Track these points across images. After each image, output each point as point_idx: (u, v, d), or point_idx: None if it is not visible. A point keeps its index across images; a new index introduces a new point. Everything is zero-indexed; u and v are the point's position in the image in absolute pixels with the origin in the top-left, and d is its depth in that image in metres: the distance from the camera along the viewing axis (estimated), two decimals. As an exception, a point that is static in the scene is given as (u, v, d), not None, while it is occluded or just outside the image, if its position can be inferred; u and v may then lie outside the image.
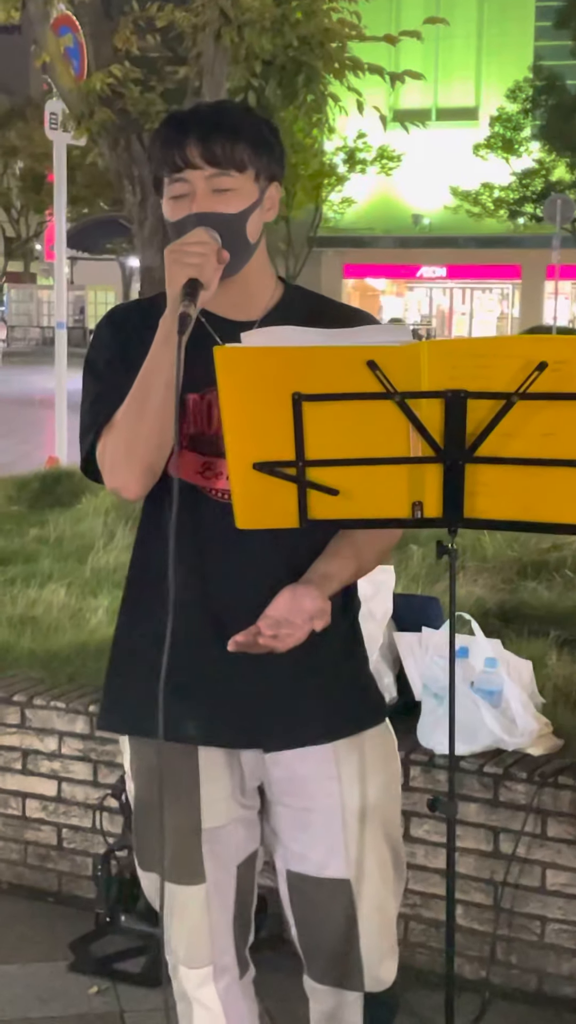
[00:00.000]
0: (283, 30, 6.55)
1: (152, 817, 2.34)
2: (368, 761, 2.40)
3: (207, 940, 2.39)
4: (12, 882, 4.08)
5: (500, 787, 3.40)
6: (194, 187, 2.22)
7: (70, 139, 10.26)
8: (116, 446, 2.25)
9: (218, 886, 2.38)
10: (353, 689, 2.42)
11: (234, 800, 2.37)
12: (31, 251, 51.02)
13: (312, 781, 2.37)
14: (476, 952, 3.46)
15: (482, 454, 2.12)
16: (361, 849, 2.39)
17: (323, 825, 2.38)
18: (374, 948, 2.43)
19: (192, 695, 2.31)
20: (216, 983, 2.41)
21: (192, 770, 2.35)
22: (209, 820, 2.36)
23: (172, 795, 2.33)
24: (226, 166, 2.21)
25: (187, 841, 2.35)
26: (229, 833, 2.38)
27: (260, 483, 2.15)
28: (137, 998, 3.46)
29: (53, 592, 5.02)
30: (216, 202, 2.21)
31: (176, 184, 2.23)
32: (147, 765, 2.38)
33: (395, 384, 2.07)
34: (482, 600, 4.79)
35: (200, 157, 2.20)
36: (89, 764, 3.94)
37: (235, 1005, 2.44)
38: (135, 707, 2.35)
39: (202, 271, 2.13)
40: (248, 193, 2.24)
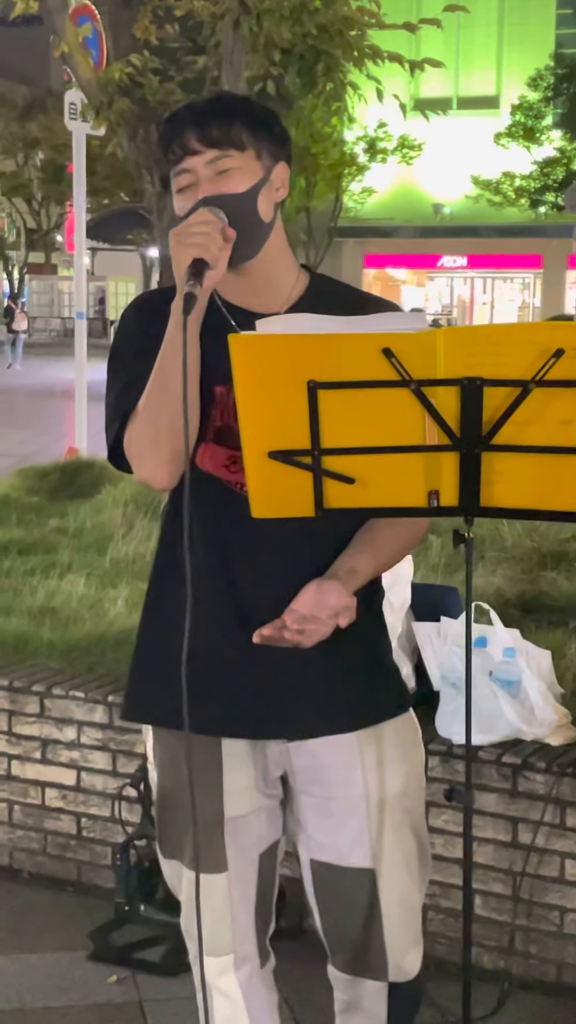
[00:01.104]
0: (302, 18, 6.51)
1: (175, 806, 2.38)
2: (392, 750, 2.40)
3: (228, 928, 2.40)
4: (32, 871, 4.10)
5: (519, 777, 3.39)
6: (197, 175, 2.22)
7: (89, 129, 10.27)
8: (141, 434, 2.25)
9: (240, 875, 2.39)
10: (377, 678, 2.41)
11: (257, 790, 2.38)
12: (52, 242, 51.11)
13: (335, 770, 2.37)
14: (495, 942, 3.45)
15: (499, 442, 2.11)
16: (385, 838, 2.39)
17: (347, 814, 2.38)
18: (397, 938, 2.43)
19: (216, 686, 2.31)
20: (237, 972, 2.42)
21: (215, 759, 2.35)
22: (232, 809, 2.36)
23: (197, 784, 2.30)
24: (224, 146, 2.21)
25: (210, 830, 2.35)
26: (251, 822, 2.38)
27: (275, 472, 2.14)
28: (156, 987, 3.46)
29: (72, 583, 5.03)
30: (221, 184, 2.21)
31: (181, 176, 2.24)
32: (170, 754, 2.39)
33: (411, 372, 2.05)
34: (501, 590, 4.77)
35: (198, 141, 2.21)
36: (108, 753, 3.95)
37: (255, 994, 2.45)
38: (158, 697, 2.35)
39: (206, 250, 2.11)
40: (252, 171, 2.23)
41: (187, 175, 2.23)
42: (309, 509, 2.17)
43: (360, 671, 2.38)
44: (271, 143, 2.27)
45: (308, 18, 6.54)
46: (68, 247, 23.21)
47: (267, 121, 2.28)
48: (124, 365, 2.33)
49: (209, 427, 2.28)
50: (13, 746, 4.08)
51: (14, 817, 4.10)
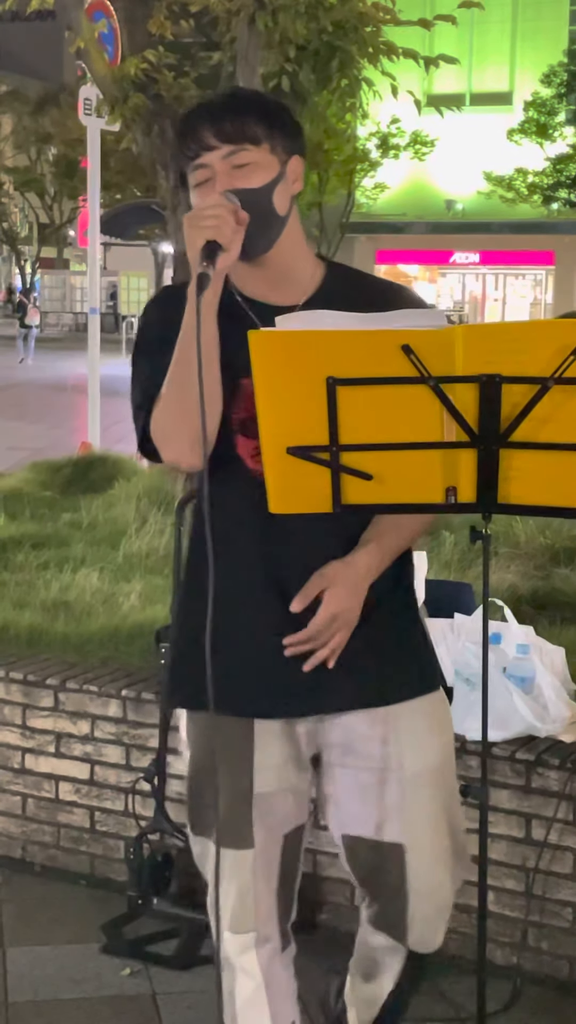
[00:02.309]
0: (317, 15, 6.50)
1: (207, 783, 2.42)
2: (424, 726, 2.45)
3: (251, 906, 2.44)
4: (45, 864, 4.11)
5: (532, 773, 3.39)
6: (214, 169, 2.26)
7: (104, 125, 10.27)
8: (165, 417, 2.30)
9: (265, 853, 2.43)
10: (409, 654, 2.47)
11: (286, 769, 2.42)
12: (64, 237, 51.13)
13: (368, 743, 2.42)
14: (508, 938, 3.45)
15: (517, 439, 2.11)
16: (415, 813, 2.44)
17: (378, 788, 2.43)
18: (423, 915, 2.50)
19: (247, 668, 2.37)
20: (258, 950, 2.45)
21: (247, 737, 2.40)
22: (260, 785, 2.41)
23: (226, 761, 2.38)
24: (240, 141, 2.26)
25: (238, 806, 2.40)
26: (279, 801, 2.43)
27: (294, 467, 2.15)
28: (169, 980, 3.47)
29: (86, 577, 5.04)
30: (237, 178, 2.25)
31: (198, 171, 2.29)
32: (202, 732, 2.45)
33: (429, 368, 2.06)
34: (515, 586, 4.77)
35: (213, 137, 2.25)
36: (122, 747, 3.96)
37: (277, 975, 2.49)
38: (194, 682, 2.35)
39: (219, 232, 2.14)
40: (268, 166, 2.28)
41: (204, 170, 2.28)
42: (327, 505, 2.18)
43: (392, 647, 2.43)
44: (285, 137, 2.31)
45: (323, 14, 6.52)
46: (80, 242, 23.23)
47: (280, 115, 2.33)
48: (148, 357, 2.38)
49: (235, 418, 2.33)
50: (27, 739, 4.09)
51: (28, 810, 4.12)
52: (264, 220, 2.25)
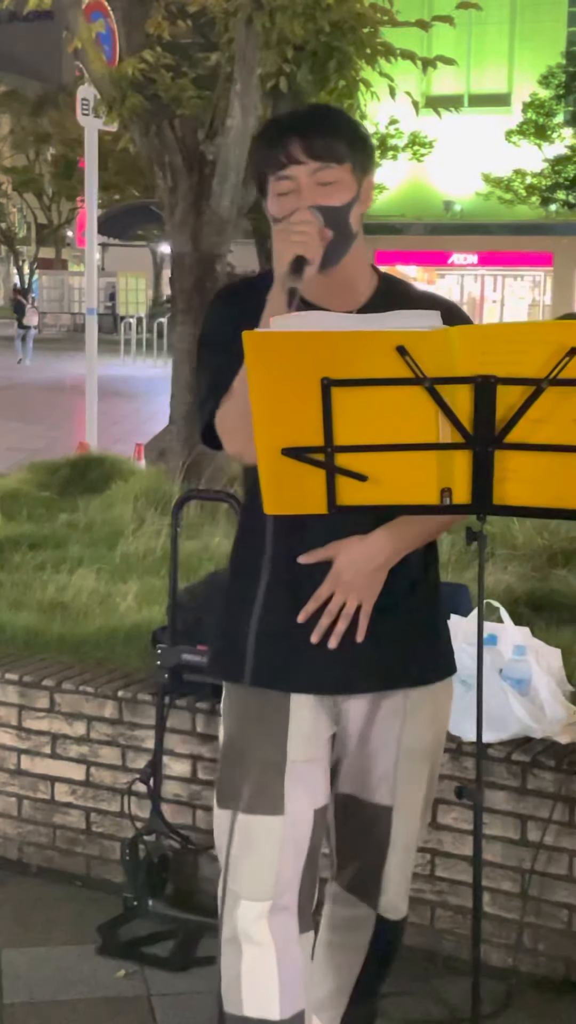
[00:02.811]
0: (315, 15, 6.51)
1: (239, 752, 2.55)
2: (432, 708, 2.62)
3: (273, 874, 2.50)
4: (41, 866, 4.10)
5: (528, 775, 3.39)
6: (299, 183, 2.37)
7: (101, 125, 10.26)
8: (234, 413, 2.36)
9: (295, 823, 2.51)
10: (433, 641, 2.62)
11: (316, 741, 2.53)
12: (62, 238, 51.14)
13: (382, 719, 2.57)
14: (503, 940, 3.45)
15: (512, 440, 2.11)
16: (407, 783, 2.61)
17: (381, 755, 2.58)
18: (396, 877, 2.66)
19: (285, 647, 2.49)
20: (272, 919, 2.50)
21: (283, 706, 2.51)
22: (294, 753, 2.51)
23: (262, 730, 2.52)
24: (327, 159, 2.37)
25: (272, 772, 2.50)
26: (311, 770, 2.53)
27: (289, 468, 2.15)
28: (164, 982, 3.47)
29: (83, 577, 5.03)
30: (321, 195, 2.37)
31: (282, 182, 2.39)
32: (241, 703, 2.58)
33: (425, 370, 2.06)
34: (511, 588, 4.77)
35: (303, 152, 2.37)
36: (117, 749, 3.95)
37: (291, 949, 2.51)
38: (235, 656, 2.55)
39: (307, 248, 2.28)
40: (349, 185, 2.40)
41: (288, 182, 2.39)
42: (322, 506, 2.18)
43: (419, 632, 2.57)
44: (364, 157, 2.45)
45: (321, 15, 6.53)
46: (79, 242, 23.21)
47: (362, 136, 2.46)
48: (214, 350, 2.49)
49: None
50: (23, 741, 4.09)
51: (23, 812, 4.12)
52: (340, 237, 2.39)
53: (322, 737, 2.55)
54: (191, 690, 3.81)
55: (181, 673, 3.77)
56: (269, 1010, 2.49)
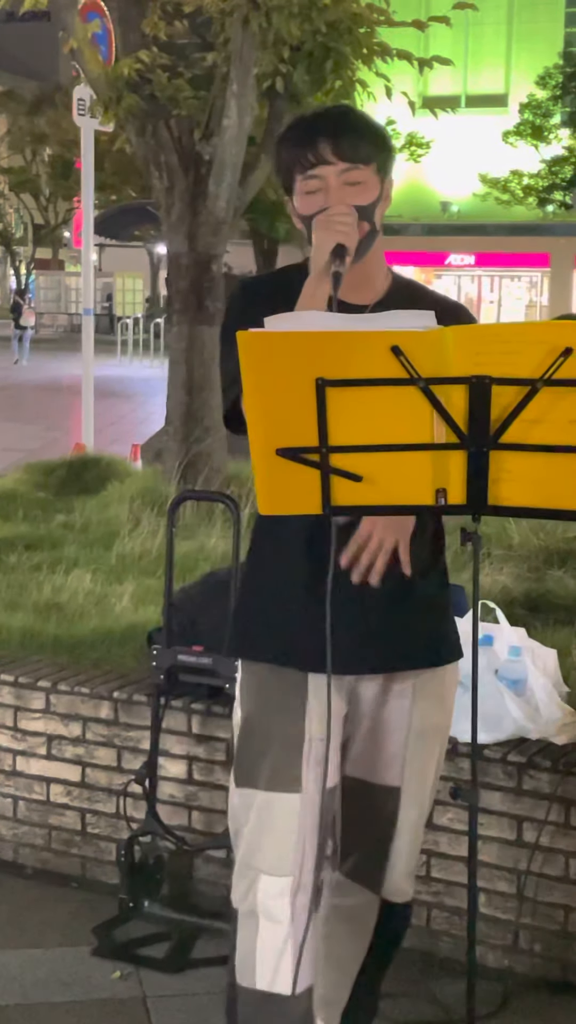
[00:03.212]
0: (311, 16, 6.51)
1: (257, 731, 2.61)
2: (439, 691, 2.69)
3: (294, 849, 2.56)
4: (36, 867, 4.10)
5: (524, 776, 3.39)
6: (327, 182, 2.46)
7: (98, 125, 10.25)
8: None
9: (312, 800, 2.56)
10: (442, 625, 2.69)
11: (333, 718, 2.55)
12: (59, 238, 51.09)
13: (392, 700, 2.64)
14: (499, 941, 3.45)
15: (507, 441, 2.11)
16: (414, 766, 2.66)
17: (388, 735, 2.65)
18: (402, 861, 2.71)
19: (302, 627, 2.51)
20: (293, 899, 2.55)
21: (301, 686, 2.58)
22: (313, 730, 2.57)
23: (282, 709, 2.59)
24: (355, 160, 2.47)
25: (291, 750, 2.57)
26: (324, 748, 2.55)
27: (283, 469, 2.14)
28: (160, 984, 3.46)
29: (78, 578, 5.03)
30: (348, 194, 2.46)
31: (310, 181, 2.48)
32: (257, 681, 2.64)
33: (419, 370, 2.06)
34: (507, 588, 4.77)
35: (332, 153, 2.45)
36: (113, 750, 3.95)
37: (306, 924, 2.54)
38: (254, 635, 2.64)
39: (348, 237, 2.39)
40: (374, 185, 2.50)
41: (317, 181, 2.48)
42: (316, 507, 2.18)
43: (428, 616, 2.65)
44: (387, 158, 2.55)
45: (317, 15, 6.53)
46: (75, 243, 23.23)
47: (386, 138, 2.56)
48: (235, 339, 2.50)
49: None
50: (18, 742, 4.08)
51: (19, 813, 4.11)
52: (366, 234, 2.48)
53: (337, 716, 2.60)
54: (187, 691, 3.80)
55: (177, 674, 3.76)
56: (283, 985, 2.54)
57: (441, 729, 2.72)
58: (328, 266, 2.35)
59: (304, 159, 2.47)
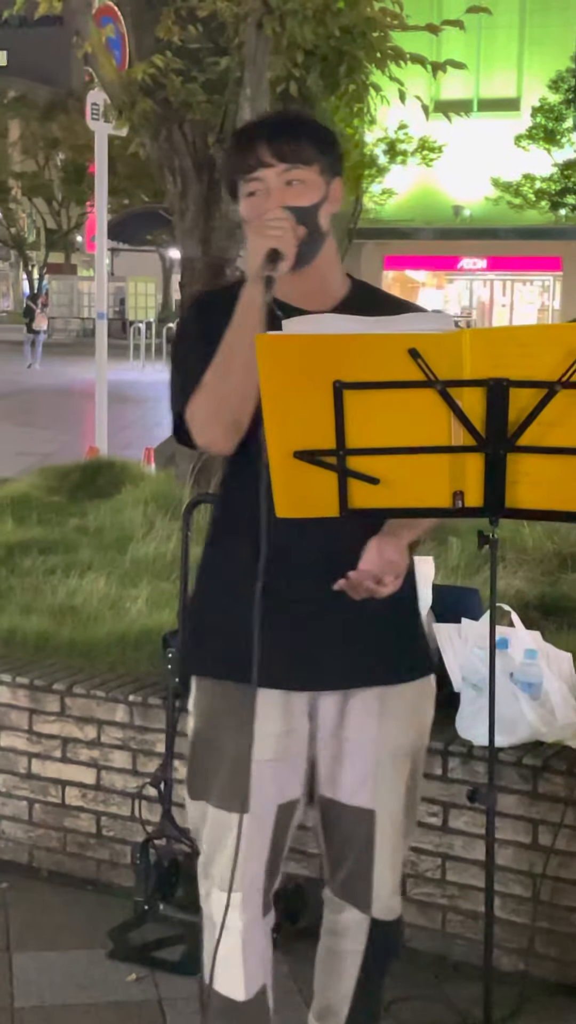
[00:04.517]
0: (325, 20, 6.51)
1: (208, 748, 2.61)
2: (409, 709, 2.62)
3: (241, 867, 2.55)
4: (51, 870, 4.10)
5: (539, 779, 3.39)
6: (267, 184, 2.45)
7: (111, 129, 10.28)
8: (205, 405, 2.45)
9: (259, 819, 2.55)
10: (403, 639, 2.61)
11: (285, 740, 2.55)
12: (72, 242, 51.19)
13: (356, 717, 2.57)
14: (514, 944, 3.44)
15: (524, 443, 2.11)
16: (387, 785, 2.60)
17: (357, 756, 2.58)
18: (385, 879, 2.66)
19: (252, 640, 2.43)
20: (243, 912, 2.59)
21: (249, 705, 2.47)
22: (260, 753, 2.51)
23: (231, 727, 2.55)
24: (294, 160, 2.44)
25: (239, 770, 2.51)
26: (276, 769, 2.56)
27: (301, 471, 2.15)
28: (175, 986, 3.46)
29: (93, 582, 5.04)
30: (289, 196, 2.44)
31: (251, 183, 2.47)
32: (208, 700, 2.62)
33: (437, 372, 2.06)
34: (522, 592, 4.77)
35: (270, 154, 2.44)
36: (128, 752, 3.95)
37: (255, 937, 2.63)
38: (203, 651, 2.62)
39: (282, 242, 2.34)
40: (316, 186, 2.47)
41: (257, 183, 2.46)
42: (334, 509, 2.18)
43: (388, 632, 2.56)
44: (331, 160, 2.51)
45: (331, 19, 6.53)
46: (88, 247, 23.30)
47: (329, 139, 2.54)
48: (186, 350, 2.55)
49: None
50: (34, 744, 4.09)
51: (34, 815, 4.12)
52: (312, 236, 2.44)
53: (296, 734, 2.56)
54: (202, 694, 3.80)
55: (192, 677, 3.76)
56: (236, 992, 2.63)
57: (413, 749, 2.66)
58: (260, 271, 2.32)
59: (244, 163, 2.46)
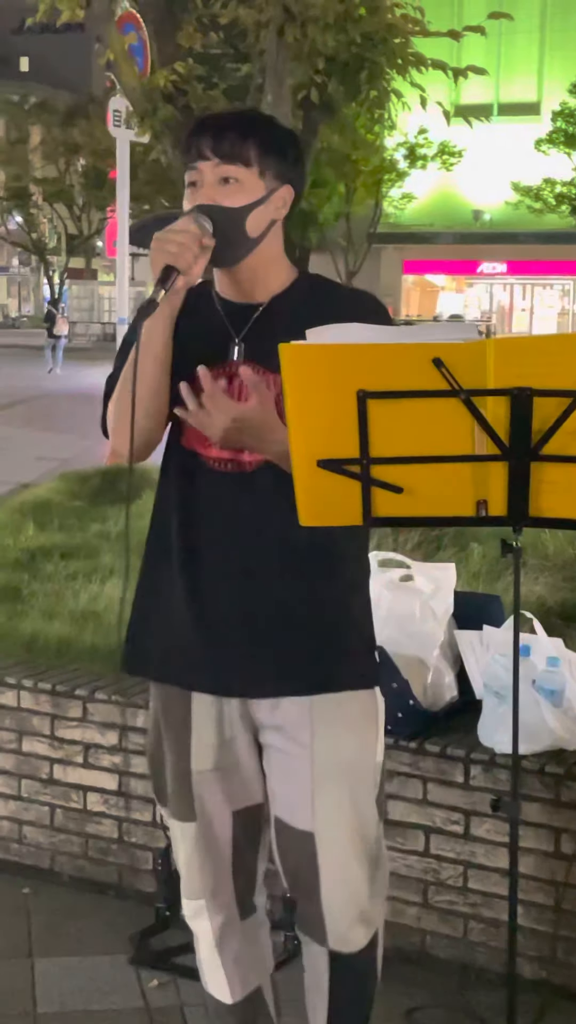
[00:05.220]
0: (346, 27, 6.52)
1: (155, 758, 2.63)
2: (343, 721, 2.48)
3: (198, 875, 2.58)
4: (73, 875, 4.11)
5: (562, 787, 3.38)
6: (203, 177, 2.39)
7: (133, 136, 10.32)
8: (111, 413, 2.50)
9: (209, 827, 2.55)
10: (337, 650, 2.49)
11: (228, 748, 2.52)
12: (92, 248, 51.34)
13: (289, 729, 2.48)
14: (536, 952, 3.44)
15: (548, 452, 2.11)
16: (326, 806, 2.48)
17: (294, 772, 2.49)
18: (337, 909, 2.51)
19: (183, 644, 2.48)
20: (211, 919, 2.60)
21: (185, 715, 2.53)
22: (197, 763, 2.53)
23: (171, 737, 2.56)
24: (231, 159, 2.37)
25: (181, 781, 2.55)
26: (218, 778, 2.53)
27: (324, 480, 2.15)
28: (197, 992, 3.44)
29: (115, 587, 5.04)
30: (219, 194, 2.37)
31: (190, 173, 2.42)
32: (155, 704, 2.62)
33: (461, 382, 2.06)
34: (543, 598, 4.75)
35: (209, 148, 2.37)
36: (150, 759, 3.96)
37: (229, 944, 2.63)
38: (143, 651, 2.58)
39: (178, 259, 2.29)
40: (252, 189, 2.39)
41: (195, 173, 2.41)
42: (357, 518, 2.19)
43: (319, 641, 2.47)
44: (280, 166, 2.42)
45: (352, 26, 6.53)
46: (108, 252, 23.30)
47: (282, 145, 2.44)
48: (119, 358, 2.54)
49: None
50: (56, 750, 4.10)
51: (56, 821, 4.13)
52: (232, 238, 2.37)
53: (237, 743, 2.52)
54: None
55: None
56: (223, 995, 2.66)
57: (350, 769, 2.49)
58: (157, 290, 2.28)
59: (187, 152, 2.41)
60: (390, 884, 2.77)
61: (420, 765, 3.52)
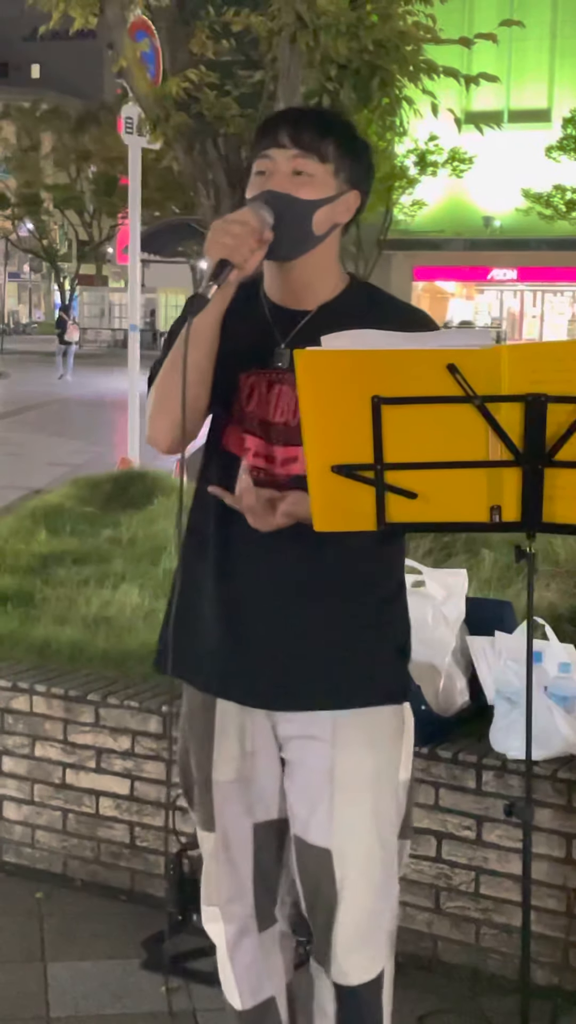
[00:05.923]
0: (358, 34, 6.52)
1: (185, 766, 2.61)
2: (365, 737, 2.43)
3: (215, 883, 2.58)
4: (85, 880, 4.12)
5: (574, 793, 3.38)
6: (276, 166, 2.32)
7: (145, 143, 10.34)
8: (150, 402, 2.43)
9: (227, 838, 2.54)
10: (365, 665, 2.44)
11: (244, 760, 2.50)
12: (103, 254, 51.44)
13: (311, 743, 2.44)
14: (549, 958, 3.44)
15: (562, 458, 2.12)
16: (344, 823, 2.41)
17: (313, 787, 2.43)
18: (345, 938, 2.45)
19: (214, 648, 2.47)
20: (226, 926, 2.60)
21: (209, 724, 2.51)
22: (219, 774, 2.51)
23: (196, 745, 2.55)
24: (309, 152, 2.31)
25: (205, 790, 2.54)
26: (239, 790, 2.51)
27: (338, 485, 2.16)
28: (210, 997, 3.47)
29: (126, 593, 5.06)
30: (291, 184, 2.31)
31: (261, 161, 2.35)
32: (186, 708, 2.59)
33: (475, 388, 2.07)
34: (554, 604, 4.76)
35: (287, 137, 2.32)
36: (162, 763, 3.97)
37: (245, 954, 2.61)
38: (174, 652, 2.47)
39: (234, 252, 2.21)
40: (324, 185, 2.33)
41: (267, 161, 2.34)
42: (371, 523, 2.19)
43: (349, 656, 2.42)
44: (354, 170, 2.38)
45: (364, 33, 6.54)
46: (119, 259, 23.37)
47: (359, 150, 2.40)
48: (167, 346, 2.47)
49: (233, 411, 2.42)
50: (68, 755, 4.11)
51: (68, 825, 4.14)
52: (295, 232, 2.30)
53: (258, 756, 2.48)
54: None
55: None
56: (234, 1001, 2.67)
57: (372, 785, 2.43)
58: (208, 285, 2.21)
59: (262, 142, 2.34)
60: (402, 889, 2.73)
61: (432, 771, 3.52)
